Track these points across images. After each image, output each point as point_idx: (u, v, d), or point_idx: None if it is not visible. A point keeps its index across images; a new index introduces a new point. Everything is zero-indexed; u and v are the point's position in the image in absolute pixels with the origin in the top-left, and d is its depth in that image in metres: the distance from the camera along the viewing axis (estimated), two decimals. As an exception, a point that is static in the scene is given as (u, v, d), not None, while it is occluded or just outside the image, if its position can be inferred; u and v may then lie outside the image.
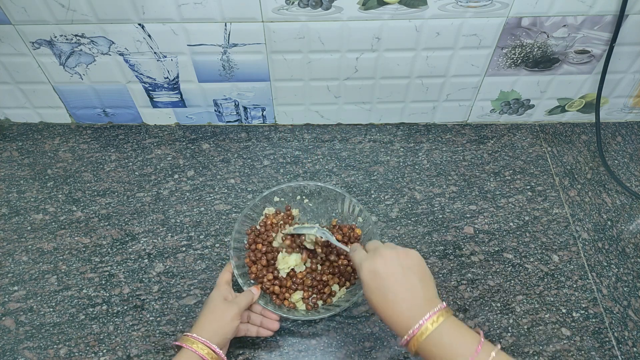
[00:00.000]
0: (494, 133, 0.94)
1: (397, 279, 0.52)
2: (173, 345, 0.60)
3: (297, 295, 0.69)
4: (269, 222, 0.74)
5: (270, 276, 0.69)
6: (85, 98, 0.88)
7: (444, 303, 0.51)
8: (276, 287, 0.69)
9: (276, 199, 0.76)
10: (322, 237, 0.68)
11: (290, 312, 0.67)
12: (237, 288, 0.68)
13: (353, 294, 0.68)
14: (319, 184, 0.76)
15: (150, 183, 0.86)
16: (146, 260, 0.76)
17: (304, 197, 0.78)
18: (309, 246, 0.71)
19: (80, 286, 0.74)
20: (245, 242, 0.73)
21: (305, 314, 0.67)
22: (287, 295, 0.69)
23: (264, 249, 0.71)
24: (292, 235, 0.72)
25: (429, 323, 0.49)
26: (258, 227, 0.75)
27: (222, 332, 0.60)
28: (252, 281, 0.70)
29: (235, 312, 0.61)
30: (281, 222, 0.74)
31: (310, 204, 0.78)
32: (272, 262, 0.71)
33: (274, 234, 0.73)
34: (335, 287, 0.70)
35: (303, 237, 0.71)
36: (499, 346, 0.49)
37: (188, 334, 0.59)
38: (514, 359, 0.49)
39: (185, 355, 0.57)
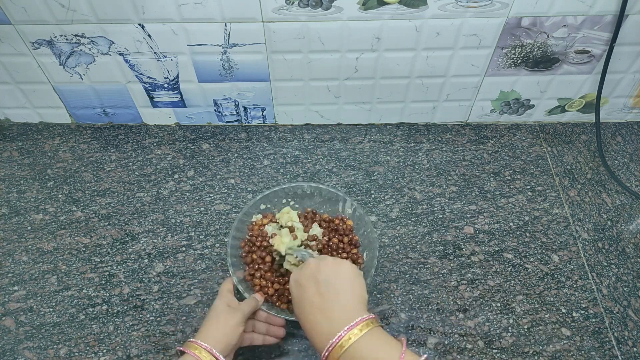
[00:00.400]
0: (494, 133, 0.94)
1: (315, 289, 0.51)
2: (177, 351, 0.59)
3: None
4: (256, 228, 0.73)
5: (272, 290, 0.69)
6: (85, 98, 0.88)
7: (371, 314, 0.49)
8: (283, 297, 0.69)
9: (262, 206, 0.76)
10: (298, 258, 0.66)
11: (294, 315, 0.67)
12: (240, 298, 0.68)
13: None
14: (319, 185, 0.76)
15: (150, 183, 0.86)
16: (146, 260, 0.76)
17: (304, 198, 0.78)
18: (290, 268, 0.69)
19: (80, 286, 0.74)
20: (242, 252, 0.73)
21: None
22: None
23: (262, 254, 0.71)
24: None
25: (351, 334, 0.47)
26: (247, 237, 0.74)
27: (226, 339, 0.59)
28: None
29: (239, 318, 0.61)
30: (272, 225, 0.74)
31: (311, 205, 0.78)
32: (272, 265, 0.71)
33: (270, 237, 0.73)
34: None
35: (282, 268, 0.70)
36: (424, 357, 0.46)
37: (192, 340, 0.58)
38: None
39: None
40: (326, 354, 0.48)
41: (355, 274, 0.54)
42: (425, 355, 0.46)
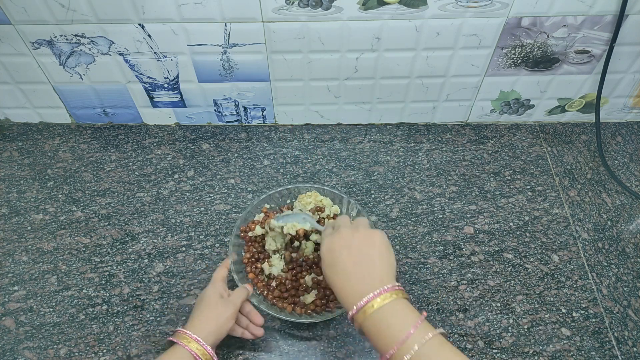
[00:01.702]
0: (494, 133, 0.94)
1: (348, 256, 0.53)
2: (167, 341, 0.60)
3: (309, 298, 0.69)
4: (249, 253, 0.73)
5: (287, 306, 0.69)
6: (85, 98, 0.88)
7: (399, 285, 0.52)
8: (287, 299, 0.69)
9: (257, 217, 0.75)
10: (309, 228, 0.67)
11: (294, 316, 0.67)
12: (232, 285, 0.68)
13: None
14: (322, 187, 0.76)
15: (150, 183, 0.86)
16: (146, 260, 0.76)
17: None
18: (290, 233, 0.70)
19: (80, 286, 0.74)
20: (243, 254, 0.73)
21: (313, 316, 0.67)
22: (295, 300, 0.69)
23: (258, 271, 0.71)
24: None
25: (380, 298, 0.50)
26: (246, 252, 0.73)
27: (218, 332, 0.60)
28: (249, 279, 0.70)
29: (232, 311, 0.61)
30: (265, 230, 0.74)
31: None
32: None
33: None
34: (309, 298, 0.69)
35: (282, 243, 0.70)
36: (438, 330, 0.48)
37: (183, 330, 0.58)
38: (454, 347, 0.48)
39: (178, 352, 0.57)
40: (352, 313, 0.51)
41: (386, 244, 0.55)
42: (442, 330, 0.49)
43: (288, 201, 0.78)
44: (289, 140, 0.92)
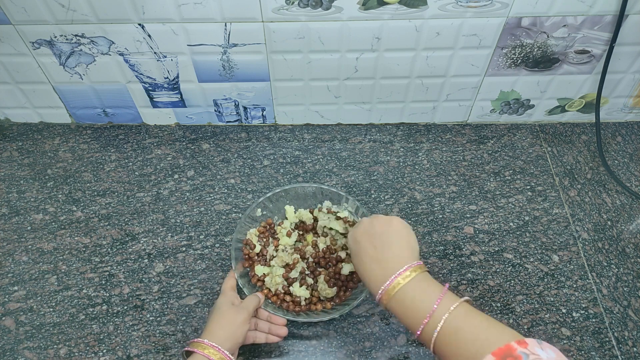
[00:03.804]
0: (494, 133, 0.94)
1: (370, 242, 0.57)
2: (182, 352, 0.59)
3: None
4: (252, 253, 0.72)
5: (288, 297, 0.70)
6: (85, 98, 0.88)
7: (420, 261, 0.55)
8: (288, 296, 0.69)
9: (259, 212, 0.75)
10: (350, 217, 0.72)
11: (301, 316, 0.67)
12: (242, 296, 0.68)
13: (354, 298, 0.68)
14: (321, 185, 0.76)
15: (150, 183, 0.86)
16: (146, 260, 0.76)
17: (306, 198, 0.78)
18: (339, 228, 0.71)
19: (80, 286, 0.74)
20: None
21: (318, 314, 0.67)
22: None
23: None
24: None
25: (401, 278, 0.52)
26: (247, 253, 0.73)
27: (234, 337, 0.59)
28: (258, 287, 0.70)
29: (245, 316, 0.61)
30: (265, 240, 0.74)
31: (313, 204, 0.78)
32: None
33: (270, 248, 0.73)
34: (346, 269, 0.69)
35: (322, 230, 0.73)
36: (462, 299, 0.50)
37: (198, 339, 0.58)
38: (480, 312, 0.49)
39: None
40: (379, 297, 0.54)
41: (405, 227, 0.58)
42: (466, 297, 0.51)
43: (276, 218, 0.78)
44: (289, 140, 0.92)
